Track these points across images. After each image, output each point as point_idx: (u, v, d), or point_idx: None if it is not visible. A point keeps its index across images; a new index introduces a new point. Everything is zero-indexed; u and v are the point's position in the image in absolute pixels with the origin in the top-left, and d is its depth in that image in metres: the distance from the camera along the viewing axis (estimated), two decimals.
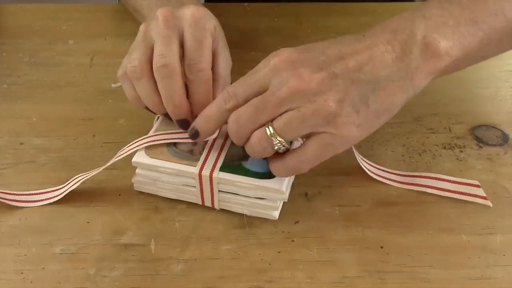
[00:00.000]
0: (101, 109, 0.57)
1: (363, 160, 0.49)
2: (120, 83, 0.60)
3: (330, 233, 0.44)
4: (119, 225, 0.45)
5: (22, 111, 0.57)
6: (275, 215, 0.45)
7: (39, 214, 0.46)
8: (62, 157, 0.51)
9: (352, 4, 0.73)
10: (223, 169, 0.43)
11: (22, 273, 0.42)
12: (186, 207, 0.46)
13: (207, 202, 0.46)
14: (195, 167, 0.44)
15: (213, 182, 0.43)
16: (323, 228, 0.45)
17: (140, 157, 0.45)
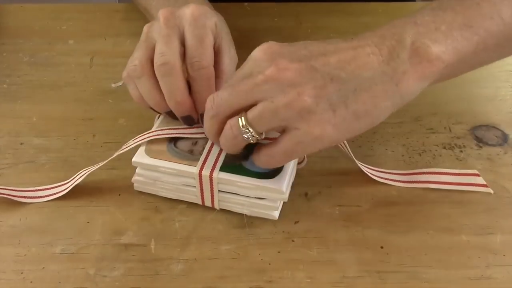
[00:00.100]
0: (101, 109, 0.57)
1: (362, 164, 0.49)
2: (120, 83, 0.60)
3: (330, 233, 0.44)
4: (119, 225, 0.45)
5: (22, 111, 0.57)
6: (275, 215, 0.45)
7: (39, 214, 0.46)
8: (62, 157, 0.51)
9: (352, 4, 0.73)
10: (223, 169, 0.43)
11: (22, 273, 0.42)
12: (186, 207, 0.46)
13: (207, 202, 0.46)
14: (195, 167, 0.44)
15: (213, 182, 0.43)
16: (323, 228, 0.45)
17: (140, 157, 0.45)
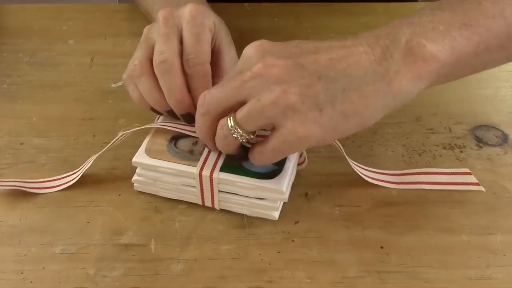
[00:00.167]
0: (101, 109, 0.57)
1: (357, 165, 0.48)
2: (120, 83, 0.60)
3: (330, 233, 0.44)
4: (119, 225, 0.45)
5: (22, 111, 0.57)
6: (275, 215, 0.45)
7: (39, 214, 0.46)
8: (62, 157, 0.51)
9: (352, 4, 0.73)
10: (223, 169, 0.43)
11: (22, 273, 0.42)
12: (186, 207, 0.46)
13: (207, 202, 0.46)
14: (195, 167, 0.44)
15: (213, 182, 0.43)
16: (323, 228, 0.45)
17: (140, 157, 0.45)
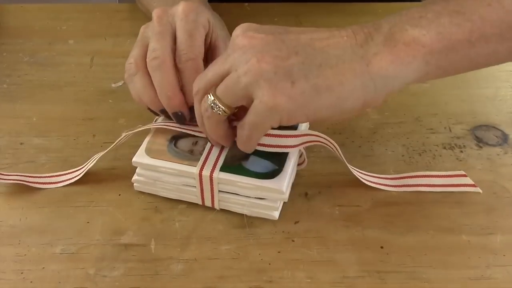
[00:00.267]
0: (101, 109, 0.57)
1: (356, 170, 0.48)
2: (120, 83, 0.60)
3: (330, 233, 0.44)
4: (119, 225, 0.45)
5: (22, 111, 0.57)
6: (275, 215, 0.45)
7: (39, 214, 0.46)
8: (62, 157, 0.51)
9: (352, 4, 0.73)
10: (223, 169, 0.43)
11: (22, 273, 0.42)
12: (186, 207, 0.46)
13: (207, 202, 0.46)
14: (195, 167, 0.44)
15: (213, 182, 0.43)
16: (323, 228, 0.45)
17: (140, 157, 0.45)
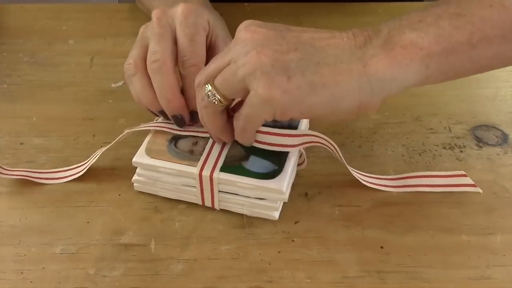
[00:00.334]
0: (101, 109, 0.57)
1: (355, 171, 0.48)
2: (120, 83, 0.60)
3: (330, 233, 0.44)
4: (119, 225, 0.45)
5: (22, 111, 0.57)
6: (275, 215, 0.45)
7: (39, 214, 0.46)
8: (62, 157, 0.51)
9: (352, 4, 0.73)
10: (223, 169, 0.43)
11: (22, 273, 0.42)
12: (186, 207, 0.46)
13: (207, 202, 0.46)
14: (196, 167, 0.44)
15: (214, 182, 0.43)
16: (323, 228, 0.45)
17: (140, 157, 0.45)
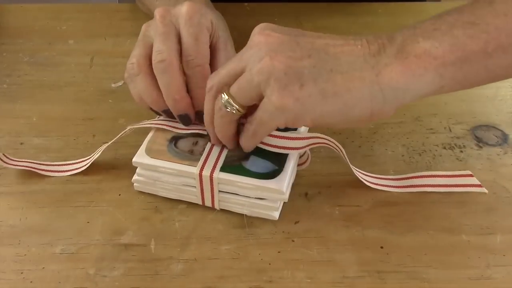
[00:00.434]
0: (101, 109, 0.57)
1: (359, 171, 0.48)
2: (120, 83, 0.60)
3: (330, 233, 0.44)
4: (119, 225, 0.45)
5: (22, 111, 0.57)
6: (275, 215, 0.45)
7: (39, 214, 0.46)
8: (62, 157, 0.51)
9: (352, 4, 0.73)
10: (223, 169, 0.43)
11: (22, 273, 0.42)
12: (186, 207, 0.46)
13: (207, 202, 0.46)
14: (196, 167, 0.44)
15: (214, 182, 0.43)
16: (323, 228, 0.45)
17: (140, 157, 0.45)
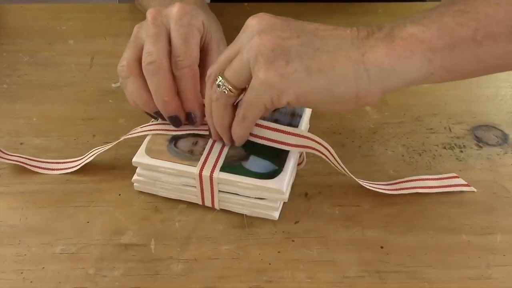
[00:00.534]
0: (101, 109, 0.57)
1: (354, 177, 0.47)
2: (120, 83, 0.60)
3: (330, 233, 0.44)
4: (119, 225, 0.45)
5: (22, 111, 0.57)
6: (275, 215, 0.45)
7: (39, 214, 0.46)
8: (62, 157, 0.51)
9: (352, 4, 0.73)
10: (223, 169, 0.43)
11: (22, 273, 0.42)
12: (186, 207, 0.46)
13: (207, 202, 0.46)
14: (196, 167, 0.44)
15: (214, 182, 0.43)
16: (323, 228, 0.45)
17: (140, 157, 0.45)
